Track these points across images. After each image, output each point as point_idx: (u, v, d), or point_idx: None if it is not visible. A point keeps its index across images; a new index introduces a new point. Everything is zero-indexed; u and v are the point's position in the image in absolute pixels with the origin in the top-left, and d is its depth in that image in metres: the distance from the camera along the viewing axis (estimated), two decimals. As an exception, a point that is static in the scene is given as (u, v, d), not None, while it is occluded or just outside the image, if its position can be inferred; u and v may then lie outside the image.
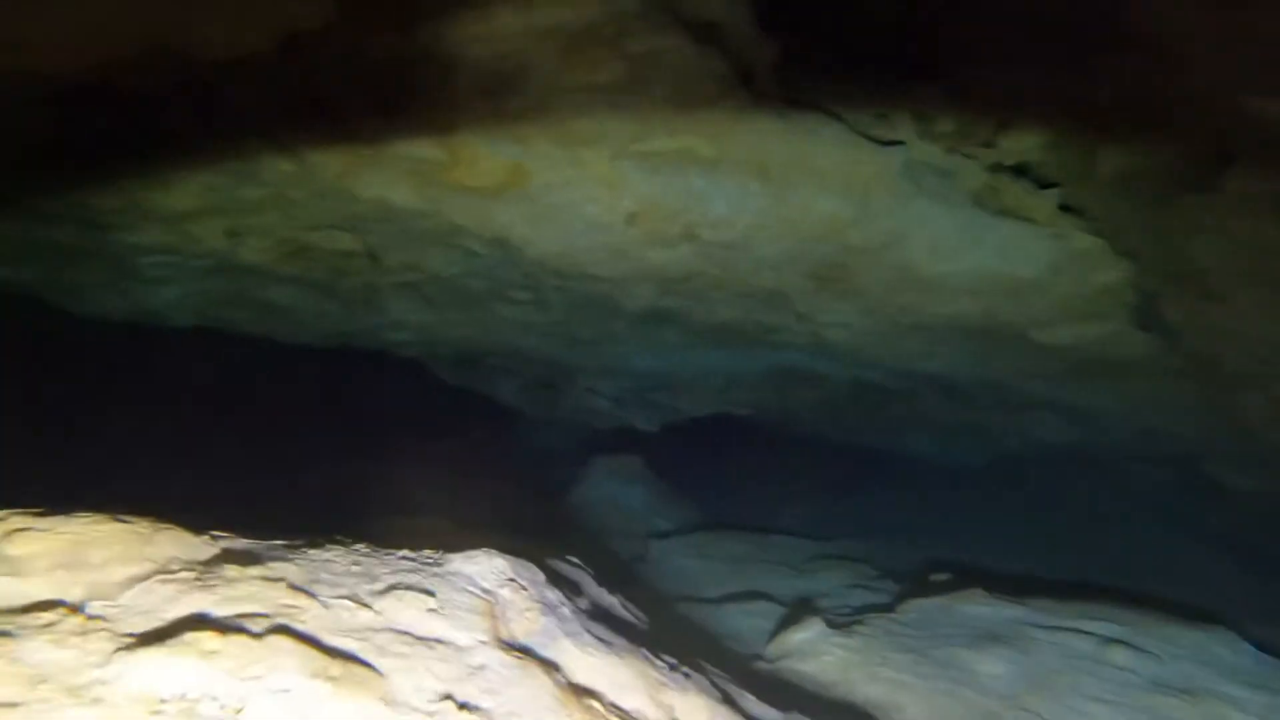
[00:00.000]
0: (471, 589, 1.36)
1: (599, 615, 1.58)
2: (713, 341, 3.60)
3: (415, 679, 1.09)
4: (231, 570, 1.21)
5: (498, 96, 1.89)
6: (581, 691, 1.25)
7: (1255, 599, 3.55)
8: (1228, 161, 2.26)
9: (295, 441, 5.34)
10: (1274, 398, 2.77)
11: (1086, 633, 2.37)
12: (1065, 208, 2.64)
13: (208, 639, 1.01)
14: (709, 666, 1.65)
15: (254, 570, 1.23)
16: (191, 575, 1.17)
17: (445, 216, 2.47)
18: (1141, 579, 3.65)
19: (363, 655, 1.09)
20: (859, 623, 2.47)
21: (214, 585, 1.16)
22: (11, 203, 2.39)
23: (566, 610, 1.45)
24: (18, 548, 1.14)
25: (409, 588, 1.30)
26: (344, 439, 5.55)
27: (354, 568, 1.35)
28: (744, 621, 2.85)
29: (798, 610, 2.82)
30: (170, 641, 1.00)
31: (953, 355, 3.47)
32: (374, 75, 1.83)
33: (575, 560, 1.88)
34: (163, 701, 0.93)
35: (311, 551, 1.38)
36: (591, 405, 5.05)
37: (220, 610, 1.10)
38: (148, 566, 1.18)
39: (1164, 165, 2.36)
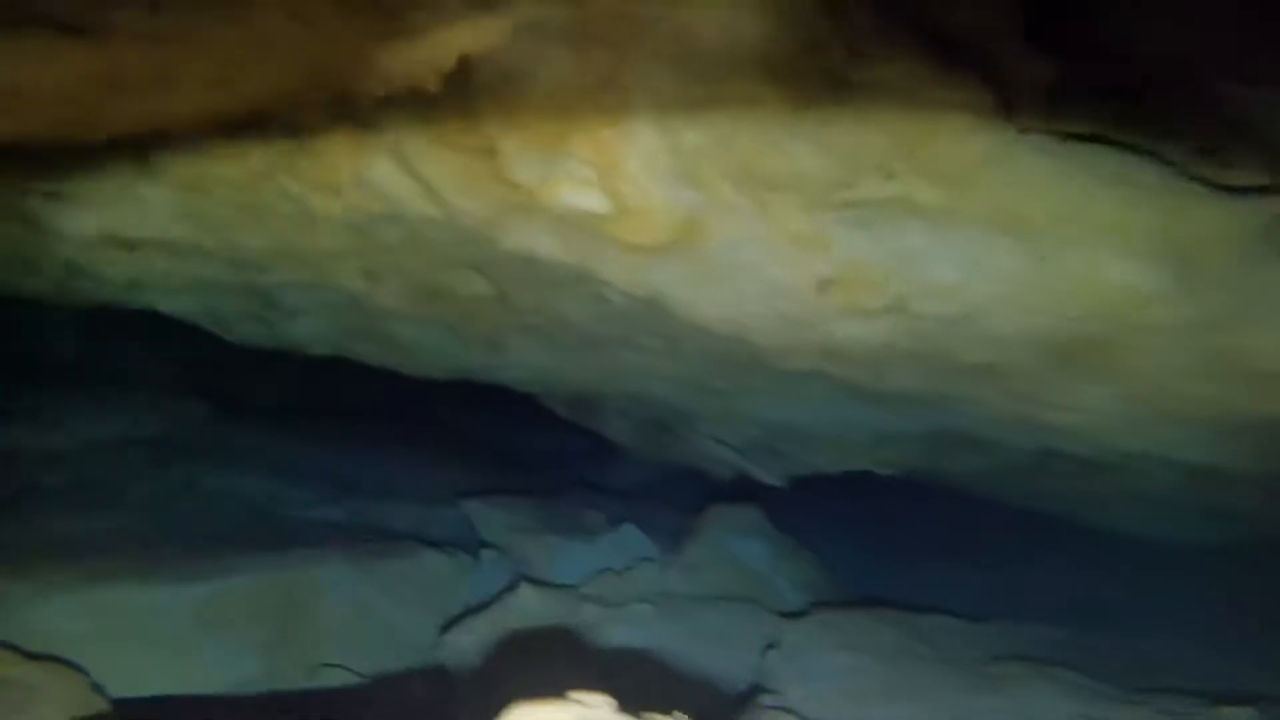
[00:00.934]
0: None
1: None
2: (869, 401, 3.18)
3: None
4: None
5: (674, 131, 1.63)
6: None
7: None
8: None
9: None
10: None
11: None
12: None
13: None
14: None
15: None
16: None
17: (591, 272, 2.24)
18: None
19: None
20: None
21: None
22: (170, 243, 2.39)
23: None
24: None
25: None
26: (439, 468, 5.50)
27: None
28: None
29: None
30: None
31: (1234, 448, 2.75)
32: (540, 106, 1.61)
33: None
34: None
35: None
36: (710, 452, 4.70)
37: None
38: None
39: None
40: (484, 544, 4.70)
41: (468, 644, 3.53)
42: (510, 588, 3.78)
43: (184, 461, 4.30)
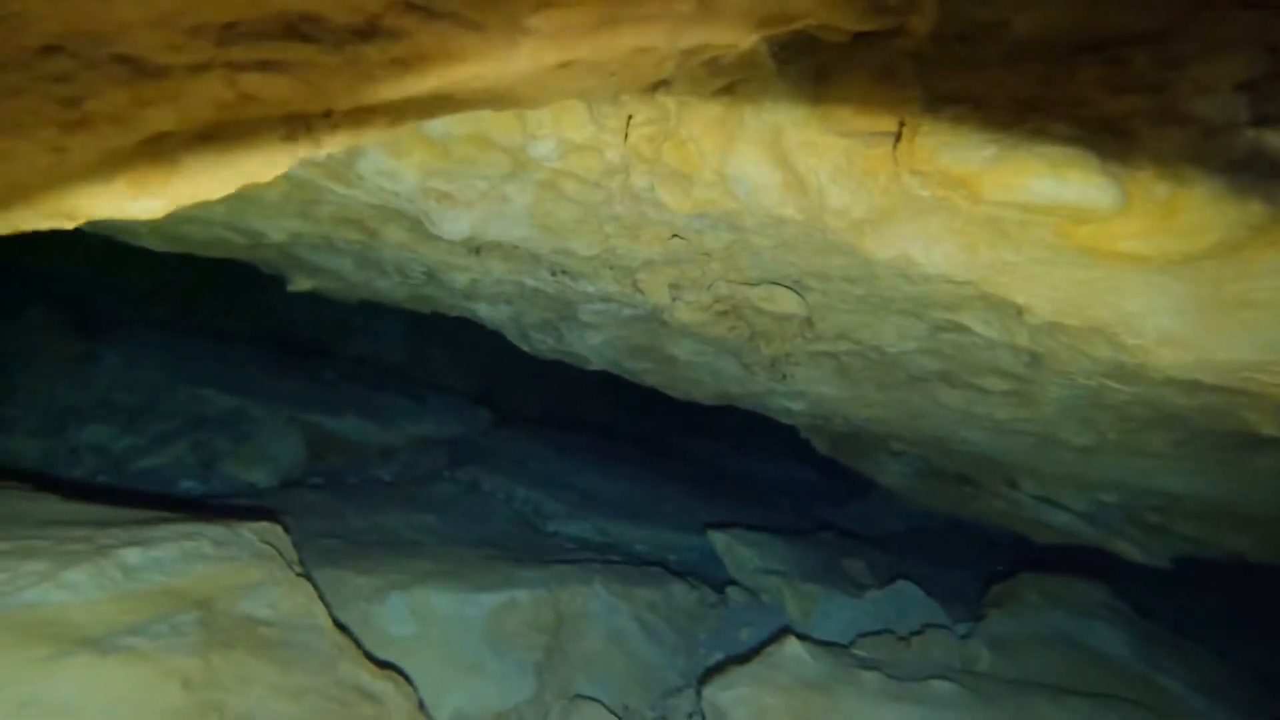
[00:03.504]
0: None
1: None
2: None
3: None
4: None
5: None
6: None
7: None
8: None
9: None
10: None
11: None
12: None
13: None
14: None
15: None
16: None
17: (995, 292, 1.69)
18: None
19: None
20: None
21: None
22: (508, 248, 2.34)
23: None
24: None
25: None
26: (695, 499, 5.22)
27: None
28: None
29: None
30: None
31: None
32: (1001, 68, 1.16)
33: None
34: None
35: None
36: (1034, 515, 3.79)
37: None
38: None
39: None
40: (730, 581, 4.33)
41: (730, 702, 3.12)
42: (775, 640, 3.32)
43: (471, 464, 4.52)
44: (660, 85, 1.37)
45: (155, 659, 1.45)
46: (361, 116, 1.05)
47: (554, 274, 2.46)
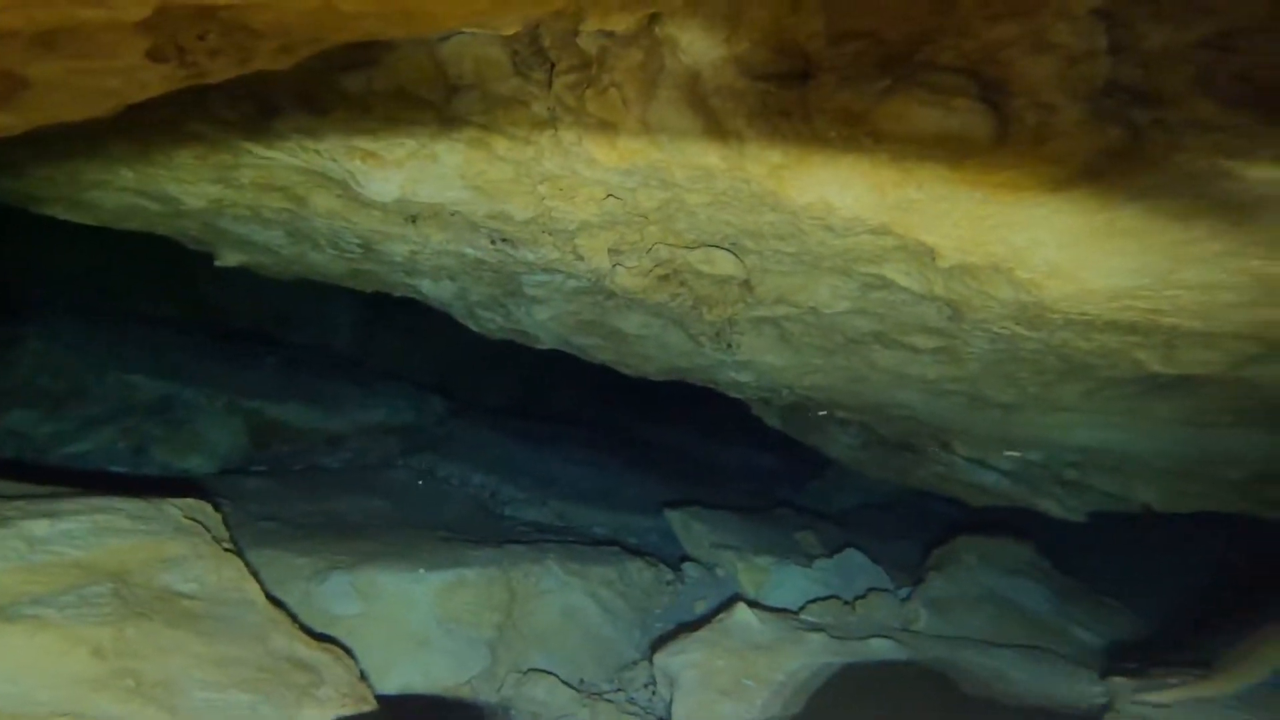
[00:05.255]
0: None
1: None
2: (1256, 422, 2.32)
3: None
4: None
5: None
6: None
7: None
8: None
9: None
10: None
11: None
12: None
13: None
14: None
15: None
16: None
17: (907, 234, 1.72)
18: None
19: None
20: None
21: None
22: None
23: None
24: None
25: None
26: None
27: None
28: None
29: None
30: None
31: None
32: None
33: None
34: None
35: None
36: (971, 478, 3.90)
37: None
38: None
39: None
40: (685, 558, 4.36)
41: (680, 666, 3.13)
42: (725, 607, 3.35)
43: (426, 452, 4.44)
44: (571, 14, 1.34)
45: (62, 628, 1.37)
46: (244, 39, 1.00)
47: (493, 242, 2.42)
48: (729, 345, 3.36)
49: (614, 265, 2.60)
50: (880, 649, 2.90)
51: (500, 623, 2.73)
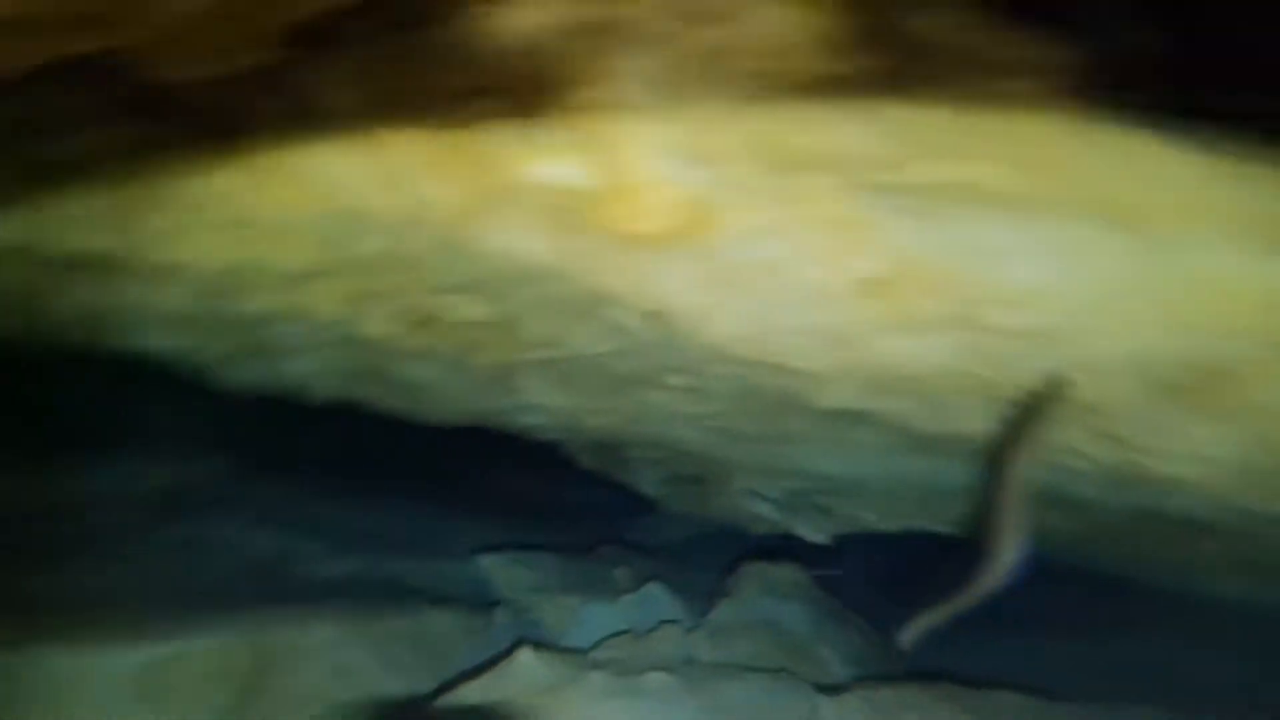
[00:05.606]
0: None
1: None
2: (926, 449, 2.65)
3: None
4: None
5: (676, 92, 1.26)
6: None
7: None
8: None
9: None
10: None
11: None
12: None
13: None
14: None
15: None
16: None
17: (588, 278, 1.84)
18: None
19: None
20: None
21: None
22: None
23: None
24: None
25: None
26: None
27: None
28: None
29: None
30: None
31: None
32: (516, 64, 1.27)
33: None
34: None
35: None
36: (748, 508, 4.17)
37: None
38: None
39: None
40: (494, 603, 4.27)
41: (451, 713, 3.04)
42: (508, 651, 3.31)
43: (194, 516, 4.04)
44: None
45: None
46: None
47: (199, 292, 2.29)
48: (513, 390, 3.39)
49: (356, 313, 2.54)
50: (655, 683, 2.98)
51: (240, 692, 2.50)
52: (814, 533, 3.93)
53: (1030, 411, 1.76)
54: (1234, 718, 2.87)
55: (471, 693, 2.90)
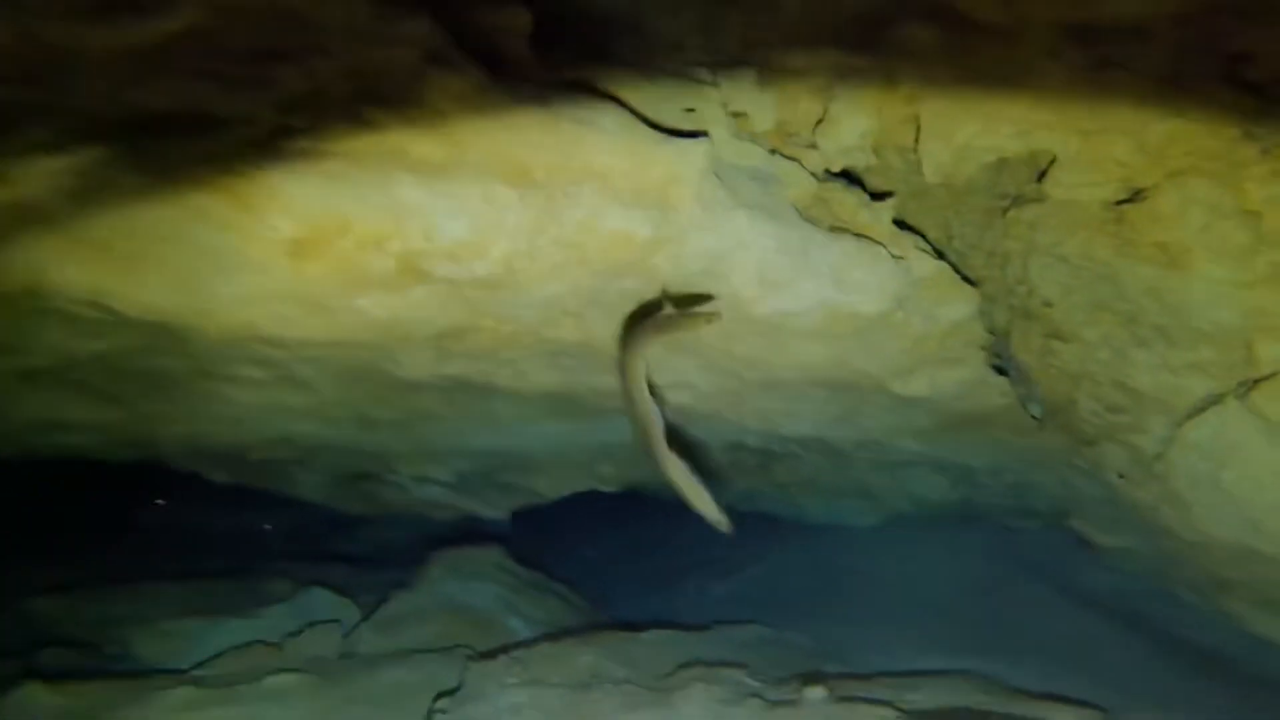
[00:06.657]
0: None
1: None
2: (551, 413, 2.83)
3: None
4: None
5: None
6: None
7: (1137, 672, 3.07)
8: (1049, 161, 1.86)
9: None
10: (1135, 450, 2.32)
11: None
12: (901, 224, 2.18)
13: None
14: None
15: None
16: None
17: None
18: (1021, 656, 3.14)
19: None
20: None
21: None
22: None
23: None
24: None
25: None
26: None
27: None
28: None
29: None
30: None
31: (816, 414, 2.85)
32: None
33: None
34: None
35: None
36: (423, 495, 4.08)
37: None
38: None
39: (989, 166, 1.93)
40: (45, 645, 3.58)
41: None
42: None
43: None
44: None
45: None
46: None
47: None
48: (24, 409, 2.82)
49: None
50: (273, 686, 2.79)
51: None
52: (492, 510, 3.99)
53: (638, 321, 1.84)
54: (803, 629, 3.52)
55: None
